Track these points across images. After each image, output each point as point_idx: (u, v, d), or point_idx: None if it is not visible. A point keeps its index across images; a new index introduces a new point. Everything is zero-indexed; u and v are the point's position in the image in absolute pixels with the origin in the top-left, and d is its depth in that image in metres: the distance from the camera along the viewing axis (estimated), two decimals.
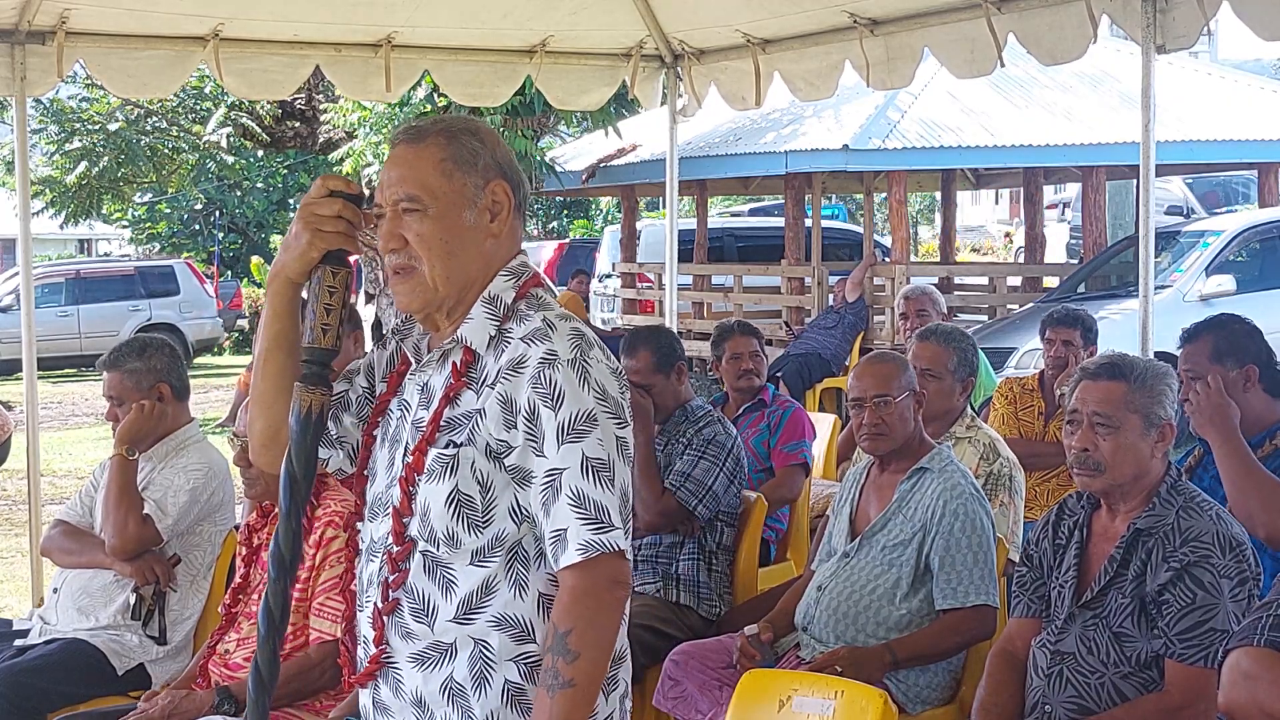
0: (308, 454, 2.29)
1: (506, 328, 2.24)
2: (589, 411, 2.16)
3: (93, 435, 13.79)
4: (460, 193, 2.23)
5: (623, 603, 2.20)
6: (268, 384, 2.38)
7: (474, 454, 2.19)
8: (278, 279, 2.33)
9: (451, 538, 2.20)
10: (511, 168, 2.30)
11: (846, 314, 12.15)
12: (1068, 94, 13.83)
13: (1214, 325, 3.97)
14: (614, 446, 2.18)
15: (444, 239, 2.22)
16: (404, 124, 2.32)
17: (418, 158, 2.24)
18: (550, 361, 2.17)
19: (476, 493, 2.19)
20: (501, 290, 2.27)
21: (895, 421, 3.93)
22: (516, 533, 2.20)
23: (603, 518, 2.14)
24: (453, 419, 2.22)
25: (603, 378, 2.20)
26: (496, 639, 2.20)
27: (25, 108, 5.86)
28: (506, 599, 2.20)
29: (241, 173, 27.87)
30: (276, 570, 2.30)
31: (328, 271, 2.28)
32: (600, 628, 2.15)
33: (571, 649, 2.11)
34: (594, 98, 6.76)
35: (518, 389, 2.18)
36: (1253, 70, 22.42)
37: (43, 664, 4.03)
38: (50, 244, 37.35)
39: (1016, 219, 30.23)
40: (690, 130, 14.22)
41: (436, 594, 2.22)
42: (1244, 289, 11.23)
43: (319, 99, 14.60)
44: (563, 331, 2.21)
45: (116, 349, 4.36)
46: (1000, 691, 3.28)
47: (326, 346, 2.29)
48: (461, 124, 2.29)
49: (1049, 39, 4.99)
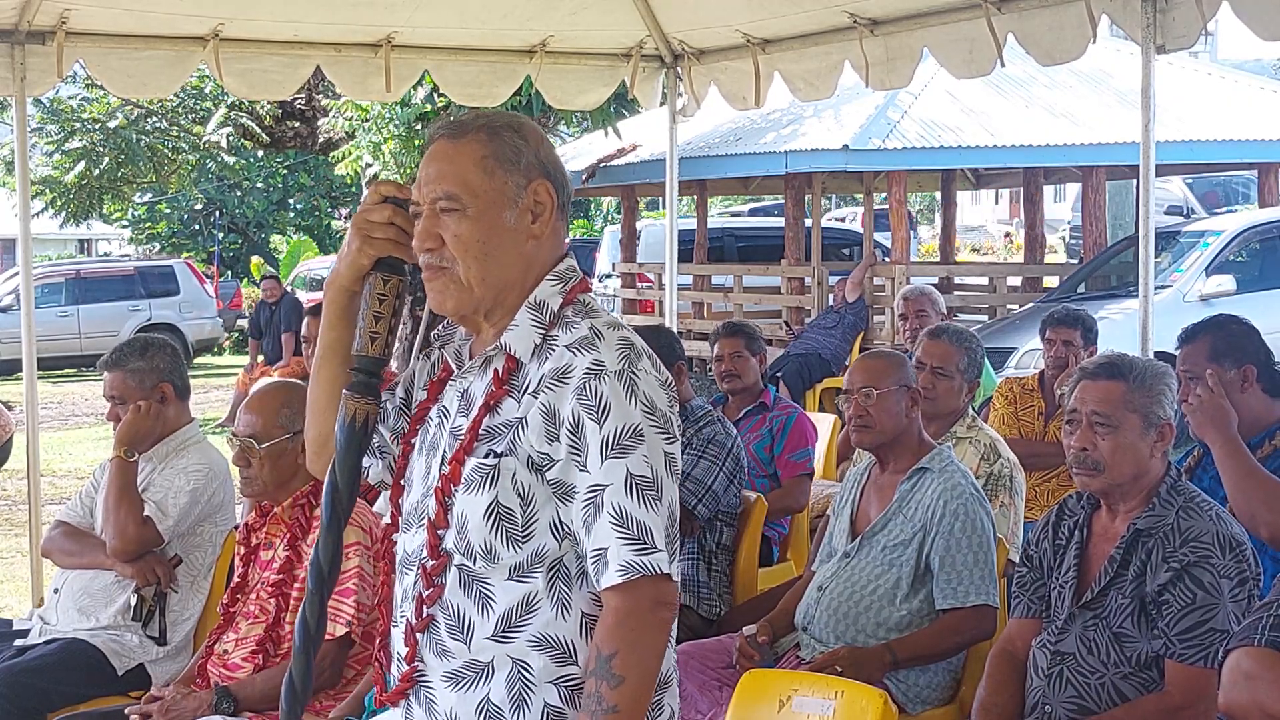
0: (352, 464, 2.24)
1: (552, 335, 2.16)
2: (635, 426, 2.08)
3: (93, 435, 13.79)
4: (501, 192, 2.16)
5: (668, 625, 2.12)
6: (320, 391, 2.33)
7: (515, 465, 2.11)
8: (332, 287, 2.29)
9: (489, 552, 2.12)
10: (555, 167, 2.22)
11: (846, 314, 12.15)
12: (1068, 94, 13.84)
13: (1211, 326, 3.96)
14: (661, 463, 2.09)
15: (481, 240, 2.14)
16: (441, 120, 2.25)
17: (458, 154, 2.16)
18: (596, 372, 2.09)
19: (517, 506, 2.11)
20: (548, 296, 2.19)
21: (880, 414, 3.91)
22: (558, 549, 2.12)
23: (645, 538, 2.06)
24: (493, 428, 2.15)
25: (651, 390, 2.11)
26: (537, 660, 2.12)
27: (25, 108, 5.86)
28: (548, 618, 2.12)
29: (241, 173, 27.90)
30: (315, 582, 2.24)
31: (378, 279, 2.23)
32: (645, 651, 2.07)
33: (616, 673, 2.03)
34: (594, 98, 6.76)
35: (561, 399, 2.09)
36: (1253, 70, 22.43)
37: (43, 664, 4.03)
38: (50, 244, 37.34)
39: (1016, 219, 30.24)
40: (690, 130, 14.23)
41: (473, 610, 2.14)
42: (1244, 289, 11.23)
43: (319, 99, 14.60)
44: (611, 340, 2.12)
45: (118, 349, 4.36)
46: (1000, 691, 3.28)
47: (374, 355, 2.23)
48: (505, 120, 2.21)
49: (1048, 39, 4.99)
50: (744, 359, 5.68)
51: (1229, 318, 4.05)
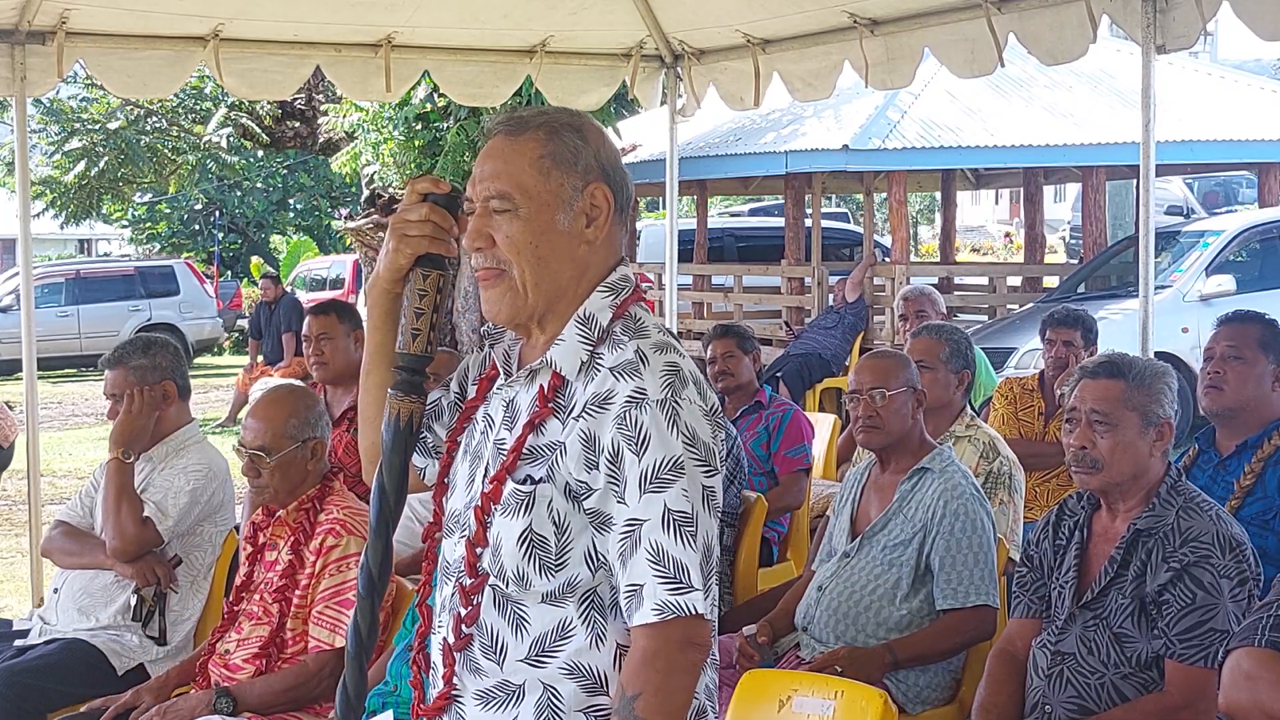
0: (399, 464, 2.17)
1: (598, 353, 2.09)
2: (676, 459, 2.01)
3: (93, 435, 13.79)
4: (556, 194, 2.10)
5: (699, 666, 2.05)
6: (369, 398, 2.29)
7: (552, 491, 2.05)
8: (374, 290, 2.24)
9: (521, 578, 2.07)
10: (616, 169, 2.16)
11: (846, 314, 12.14)
12: (1068, 94, 13.83)
13: (1257, 317, 4.00)
14: (699, 497, 2.02)
15: (534, 242, 2.09)
16: (504, 113, 2.18)
17: (515, 152, 2.10)
18: (638, 401, 2.02)
19: (551, 534, 2.05)
20: (598, 309, 2.12)
21: (889, 415, 3.92)
22: (591, 580, 2.07)
23: (682, 577, 1.99)
24: (535, 448, 2.09)
25: (694, 421, 2.04)
26: (567, 687, 2.07)
27: (25, 108, 5.86)
28: (581, 646, 2.07)
29: (241, 173, 27.87)
30: (365, 588, 2.18)
31: (418, 274, 2.17)
32: (671, 693, 2.00)
33: (639, 715, 1.98)
34: (594, 98, 6.76)
35: (601, 426, 2.03)
36: (1253, 70, 22.43)
37: (43, 664, 4.03)
38: (50, 244, 37.36)
39: (1016, 219, 30.25)
40: (690, 130, 14.22)
41: (507, 631, 2.10)
42: (1244, 289, 11.23)
43: (319, 99, 14.59)
44: (655, 366, 2.05)
45: (121, 347, 4.35)
46: (1000, 692, 3.28)
47: (416, 352, 2.18)
48: (565, 118, 2.15)
49: (1049, 39, 4.99)
50: (737, 359, 5.71)
51: (1265, 314, 4.08)
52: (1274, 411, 3.87)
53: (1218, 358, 3.91)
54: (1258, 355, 3.87)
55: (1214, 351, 3.94)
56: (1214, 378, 3.89)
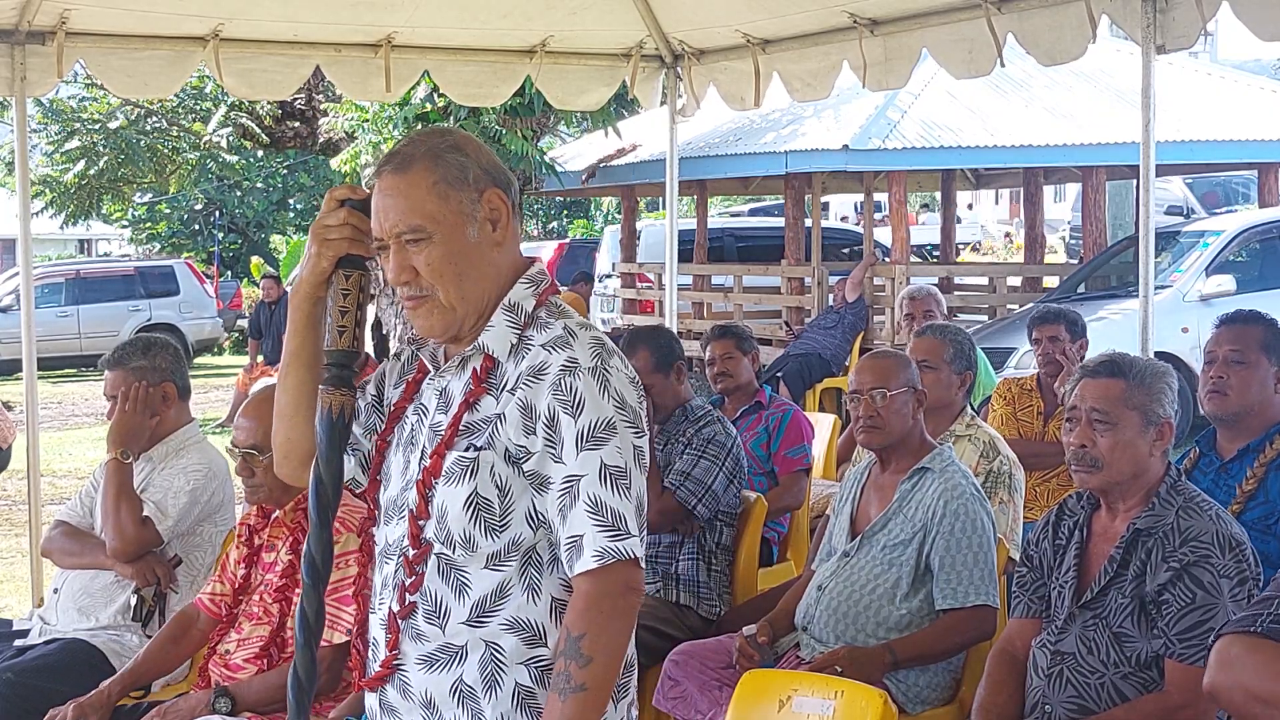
0: (335, 457, 2.30)
1: (527, 335, 2.26)
2: (608, 420, 2.18)
3: (93, 435, 13.79)
4: (459, 211, 2.23)
5: (635, 609, 2.21)
6: (286, 397, 2.41)
7: (493, 458, 2.20)
8: (297, 295, 2.36)
9: (468, 541, 2.21)
10: (499, 171, 2.30)
11: (846, 314, 12.14)
12: (1068, 94, 13.82)
13: (1259, 317, 3.96)
14: (631, 455, 2.20)
15: (454, 262, 2.23)
16: (383, 156, 2.32)
17: (410, 186, 2.22)
18: (571, 369, 2.19)
19: (495, 497, 2.20)
20: (522, 298, 2.29)
21: (891, 415, 3.92)
22: (532, 538, 2.22)
23: (619, 525, 2.16)
24: (472, 423, 2.24)
25: (622, 386, 2.22)
26: (508, 642, 2.21)
27: (25, 108, 5.85)
28: (520, 602, 2.22)
29: (241, 173, 27.88)
30: (310, 577, 2.31)
31: (340, 275, 2.30)
32: (613, 633, 2.17)
33: (585, 653, 2.13)
34: (594, 98, 6.76)
35: (538, 395, 2.19)
36: (1253, 70, 22.40)
37: (43, 664, 4.03)
38: (50, 244, 37.35)
39: (1016, 219, 30.24)
40: (690, 130, 14.22)
41: (450, 596, 2.23)
42: (1244, 289, 11.22)
43: (319, 99, 14.59)
44: (584, 339, 2.23)
45: (121, 347, 4.35)
46: (1000, 691, 3.28)
47: (344, 348, 2.31)
48: (439, 141, 2.27)
49: (1048, 39, 4.99)
50: (735, 359, 5.71)
51: (1266, 314, 4.05)
52: (1276, 414, 3.85)
53: (1220, 361, 3.87)
54: (1260, 358, 3.84)
55: (1216, 355, 3.90)
56: (1217, 382, 3.86)
